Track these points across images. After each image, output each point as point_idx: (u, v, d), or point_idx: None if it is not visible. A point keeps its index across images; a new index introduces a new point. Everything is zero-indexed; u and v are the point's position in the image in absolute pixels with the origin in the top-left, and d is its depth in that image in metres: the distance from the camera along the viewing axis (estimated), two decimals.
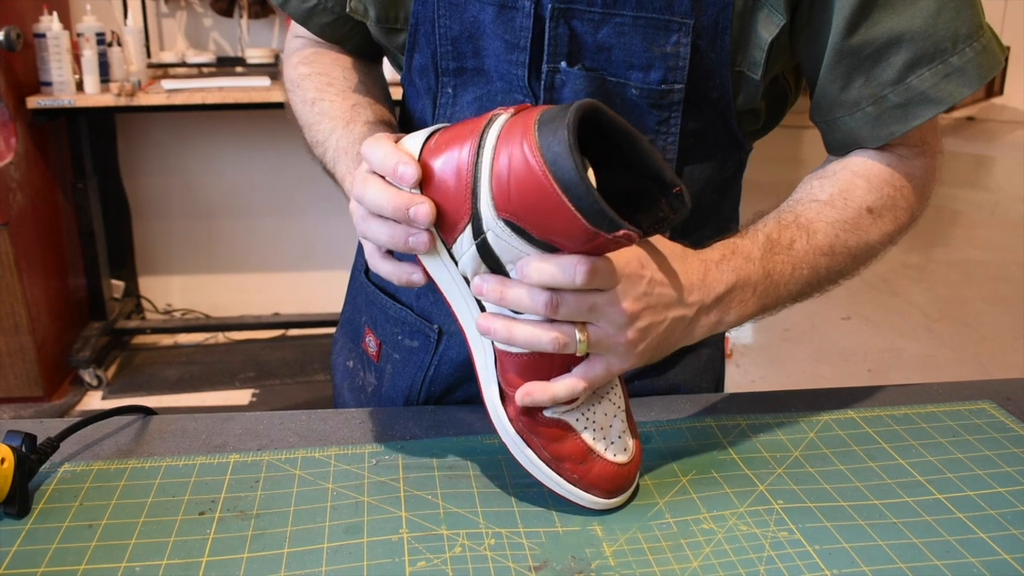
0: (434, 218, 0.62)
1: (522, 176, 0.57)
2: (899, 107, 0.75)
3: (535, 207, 0.58)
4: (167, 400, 2.96)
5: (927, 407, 0.84)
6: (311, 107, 0.85)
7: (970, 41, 0.73)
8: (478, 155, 0.60)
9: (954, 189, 5.85)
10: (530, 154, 0.57)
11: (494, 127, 0.61)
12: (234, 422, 0.80)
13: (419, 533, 0.65)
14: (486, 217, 0.60)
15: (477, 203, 0.60)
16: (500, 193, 0.59)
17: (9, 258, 2.64)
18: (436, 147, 0.63)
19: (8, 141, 2.68)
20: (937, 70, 0.74)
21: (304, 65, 0.89)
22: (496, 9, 0.75)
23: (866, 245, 0.77)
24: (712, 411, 0.83)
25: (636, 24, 0.73)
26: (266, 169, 3.32)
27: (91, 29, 2.80)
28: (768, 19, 0.74)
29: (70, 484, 0.70)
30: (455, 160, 0.61)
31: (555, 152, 0.56)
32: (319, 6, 0.87)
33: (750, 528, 0.66)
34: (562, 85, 0.76)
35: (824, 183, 0.79)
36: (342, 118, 0.82)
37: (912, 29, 0.73)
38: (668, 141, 0.78)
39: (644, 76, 0.75)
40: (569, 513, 0.68)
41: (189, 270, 3.46)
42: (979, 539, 0.65)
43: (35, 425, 0.76)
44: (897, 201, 0.78)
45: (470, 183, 0.60)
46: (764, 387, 3.12)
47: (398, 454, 0.75)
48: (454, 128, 0.64)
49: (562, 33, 0.74)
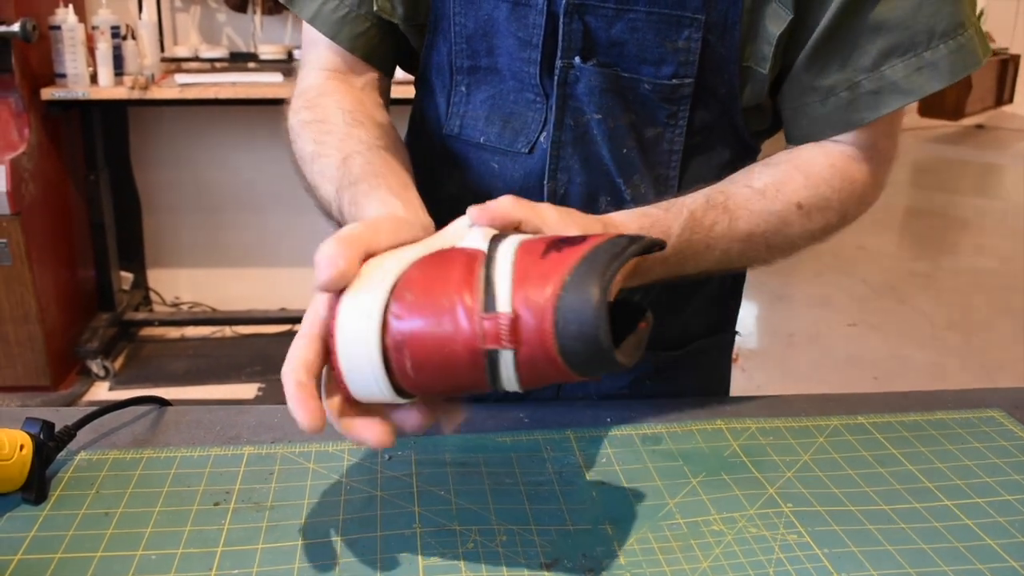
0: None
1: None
2: (871, 94, 0.77)
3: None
4: (173, 392, 2.97)
5: (936, 414, 0.84)
6: (310, 163, 0.79)
7: (945, 38, 0.75)
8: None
9: (963, 197, 5.84)
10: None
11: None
12: (248, 415, 0.81)
13: (432, 528, 0.65)
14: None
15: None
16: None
17: (20, 248, 2.66)
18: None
19: (22, 132, 2.69)
20: (910, 62, 0.75)
21: (306, 111, 0.82)
22: (510, 6, 0.76)
23: (786, 239, 0.79)
24: (722, 414, 0.84)
25: (649, 19, 0.74)
26: (276, 165, 3.32)
27: (106, 22, 2.81)
28: (776, 14, 0.75)
29: (87, 472, 0.71)
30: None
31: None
32: (350, 14, 0.82)
33: (760, 530, 0.66)
34: (576, 81, 0.76)
35: (765, 171, 0.80)
36: (333, 182, 0.75)
37: (893, 18, 0.74)
38: (675, 134, 0.79)
39: (656, 71, 0.76)
40: (580, 512, 0.68)
41: (198, 263, 3.47)
42: (987, 546, 0.66)
43: (52, 413, 0.77)
44: (831, 202, 0.79)
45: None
46: (769, 392, 3.12)
47: (411, 450, 0.75)
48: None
49: (576, 29, 0.75)
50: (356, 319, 0.53)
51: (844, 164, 0.80)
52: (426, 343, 0.52)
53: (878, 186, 0.83)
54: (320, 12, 0.83)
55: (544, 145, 0.79)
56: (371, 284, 0.54)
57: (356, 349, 0.53)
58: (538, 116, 0.79)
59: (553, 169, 0.79)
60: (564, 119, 0.78)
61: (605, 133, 0.77)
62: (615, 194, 0.80)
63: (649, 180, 0.79)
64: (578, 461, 0.75)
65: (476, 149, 0.81)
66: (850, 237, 4.65)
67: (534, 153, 0.79)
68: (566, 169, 0.79)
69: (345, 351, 0.53)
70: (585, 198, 0.80)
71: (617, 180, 0.79)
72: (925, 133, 7.68)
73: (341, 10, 0.82)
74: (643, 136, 0.78)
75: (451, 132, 0.82)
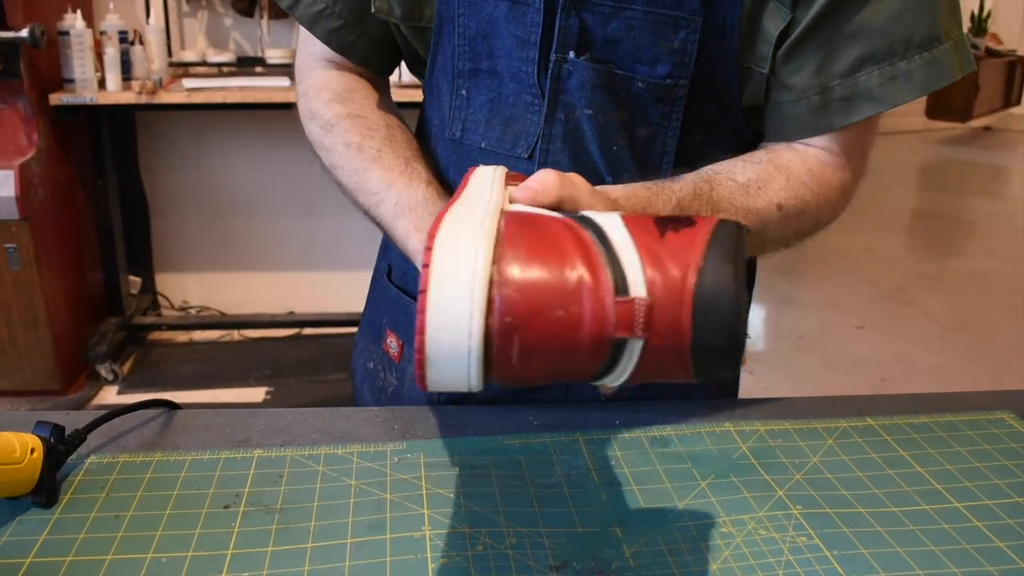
0: None
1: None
2: (843, 100, 0.77)
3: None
4: (182, 396, 2.97)
5: (945, 416, 0.84)
6: (357, 152, 0.83)
7: (921, 50, 0.75)
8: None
9: (970, 199, 5.83)
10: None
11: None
12: (257, 418, 0.81)
13: (441, 531, 0.65)
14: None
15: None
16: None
17: (29, 252, 2.67)
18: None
19: (31, 137, 2.70)
20: (885, 71, 0.75)
21: (339, 104, 0.87)
22: (509, 5, 0.76)
23: (761, 239, 0.78)
24: (731, 416, 0.84)
25: (646, 19, 0.74)
26: (284, 169, 3.33)
27: (114, 27, 2.82)
28: (775, 13, 0.75)
29: (97, 475, 0.71)
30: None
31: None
32: (327, 10, 0.86)
33: (769, 532, 0.66)
34: (568, 75, 0.76)
35: (748, 167, 0.79)
36: (400, 172, 0.81)
37: (872, 25, 0.74)
38: (668, 135, 0.79)
39: (651, 70, 0.76)
40: (589, 514, 0.68)
41: (206, 267, 3.48)
42: (996, 547, 0.65)
43: (62, 416, 0.77)
44: (808, 206, 0.79)
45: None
46: (777, 395, 3.11)
47: (420, 452, 0.76)
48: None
49: (572, 25, 0.75)
50: (456, 300, 0.43)
51: (820, 170, 0.80)
52: (545, 329, 0.44)
53: (848, 195, 0.83)
54: (298, 3, 0.86)
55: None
56: (461, 250, 0.44)
57: (454, 336, 0.43)
58: (537, 119, 0.79)
59: (542, 163, 0.79)
60: (555, 113, 0.78)
61: (595, 129, 0.77)
62: None
63: (640, 180, 0.79)
64: (587, 463, 0.75)
65: (479, 154, 0.82)
66: (858, 239, 4.66)
67: (533, 158, 0.80)
68: (555, 164, 0.79)
69: (437, 336, 0.44)
70: None
71: (607, 178, 0.79)
72: (933, 135, 7.66)
73: (317, 5, 0.86)
74: (635, 135, 0.78)
75: (454, 137, 0.82)
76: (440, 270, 0.44)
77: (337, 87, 0.88)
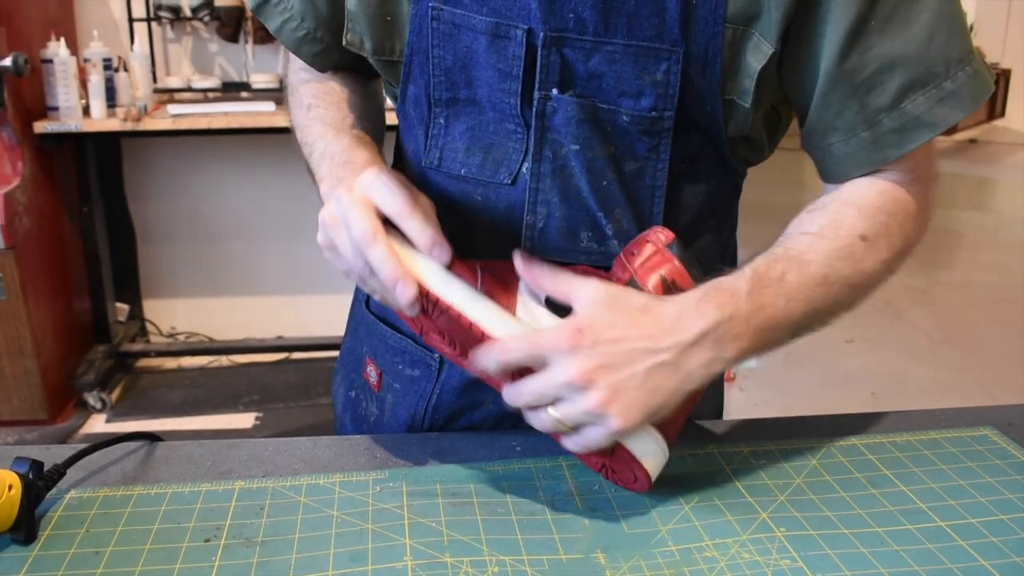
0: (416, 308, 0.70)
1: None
2: (895, 131, 0.76)
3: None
4: (171, 423, 2.96)
5: (929, 433, 0.84)
6: (306, 112, 0.89)
7: (962, 65, 0.74)
8: None
9: (957, 211, 5.85)
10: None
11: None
12: (239, 449, 0.81)
13: (423, 560, 0.65)
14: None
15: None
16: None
17: (15, 281, 2.66)
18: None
19: (15, 165, 2.70)
20: (931, 95, 0.74)
21: (309, 76, 0.92)
22: (489, 39, 0.76)
23: (861, 273, 0.76)
24: (714, 438, 0.84)
25: (627, 52, 0.74)
26: (270, 193, 3.33)
27: (98, 55, 2.82)
28: (757, 48, 0.74)
29: (76, 511, 0.71)
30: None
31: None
32: (308, 35, 0.88)
33: (753, 556, 0.66)
34: (553, 112, 0.76)
35: (815, 215, 0.78)
36: (333, 126, 0.85)
37: (906, 54, 0.73)
38: (658, 168, 0.78)
39: (635, 103, 0.76)
40: (572, 541, 0.68)
41: (193, 293, 3.47)
42: (981, 567, 0.65)
43: (41, 451, 0.77)
44: (891, 228, 0.78)
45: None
46: (767, 410, 3.12)
47: (402, 481, 0.75)
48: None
49: (554, 61, 0.75)
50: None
51: (892, 191, 0.79)
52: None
53: (929, 206, 0.81)
54: (283, 28, 0.89)
55: (527, 176, 0.79)
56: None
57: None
58: (519, 146, 0.79)
59: (532, 202, 0.79)
60: (543, 151, 0.78)
61: (584, 165, 0.77)
62: (596, 229, 0.80)
63: (631, 214, 0.79)
64: (570, 489, 0.75)
65: (458, 181, 0.81)
66: None
67: (517, 184, 0.79)
68: (545, 202, 0.79)
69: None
70: (565, 232, 0.80)
71: (597, 214, 0.79)
72: None
73: (300, 30, 0.88)
74: (623, 169, 0.78)
75: (431, 164, 0.82)
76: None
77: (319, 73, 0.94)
